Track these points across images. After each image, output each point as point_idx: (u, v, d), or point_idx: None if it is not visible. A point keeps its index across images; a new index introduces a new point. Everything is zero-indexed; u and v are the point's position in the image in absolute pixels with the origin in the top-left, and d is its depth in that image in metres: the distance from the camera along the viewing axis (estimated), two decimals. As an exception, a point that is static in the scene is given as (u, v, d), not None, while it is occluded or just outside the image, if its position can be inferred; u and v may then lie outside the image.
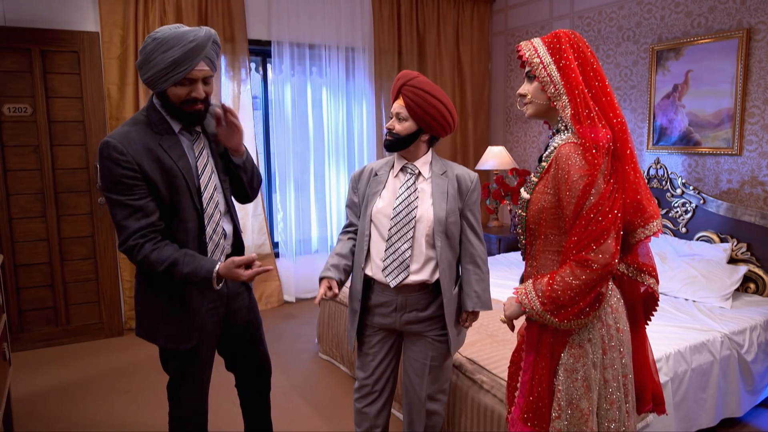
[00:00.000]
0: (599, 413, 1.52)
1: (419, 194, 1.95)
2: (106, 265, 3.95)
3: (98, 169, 1.72)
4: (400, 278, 1.92)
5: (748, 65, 3.40)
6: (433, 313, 1.98)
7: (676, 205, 3.70)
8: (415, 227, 1.91)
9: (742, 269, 3.19)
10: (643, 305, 1.65)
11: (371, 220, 1.98)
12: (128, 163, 1.64)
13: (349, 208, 2.13)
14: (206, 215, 1.81)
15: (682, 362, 2.46)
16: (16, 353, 3.60)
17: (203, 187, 1.80)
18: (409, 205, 1.93)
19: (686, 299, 3.15)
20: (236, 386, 2.16)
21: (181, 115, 1.74)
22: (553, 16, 4.78)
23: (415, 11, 5.06)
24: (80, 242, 3.88)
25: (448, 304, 1.95)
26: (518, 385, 1.67)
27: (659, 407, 1.68)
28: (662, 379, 2.35)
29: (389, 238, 1.92)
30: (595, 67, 1.50)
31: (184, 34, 1.63)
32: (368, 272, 1.99)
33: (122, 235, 1.68)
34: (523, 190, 1.61)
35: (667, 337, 2.57)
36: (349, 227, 2.13)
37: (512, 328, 1.69)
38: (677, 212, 3.70)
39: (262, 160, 4.74)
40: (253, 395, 2.15)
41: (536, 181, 1.56)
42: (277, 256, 4.81)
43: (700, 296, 3.12)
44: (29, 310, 3.78)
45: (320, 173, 4.93)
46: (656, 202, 3.82)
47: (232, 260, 1.69)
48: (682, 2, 3.77)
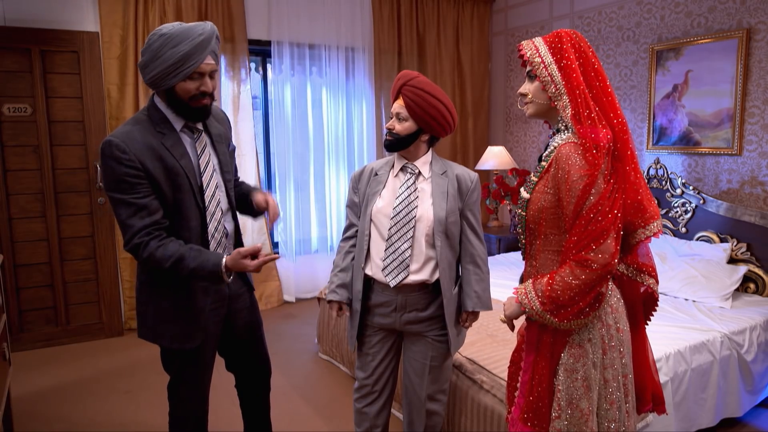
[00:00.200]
0: (599, 413, 1.52)
1: (419, 194, 1.95)
2: (106, 265, 3.95)
3: (100, 168, 1.71)
4: (400, 278, 1.92)
5: (748, 65, 3.40)
6: (433, 313, 1.98)
7: (676, 205, 3.70)
8: (415, 227, 1.91)
9: (742, 269, 3.20)
10: (642, 305, 1.65)
11: (371, 219, 1.98)
12: (131, 161, 1.64)
13: (349, 208, 2.12)
14: (208, 213, 1.81)
15: (682, 362, 2.46)
16: (16, 353, 3.60)
17: (206, 185, 1.80)
18: (409, 204, 1.93)
19: (686, 299, 3.15)
20: (236, 386, 2.16)
21: (188, 111, 1.74)
22: (553, 16, 4.78)
23: (415, 11, 5.06)
24: (80, 242, 3.88)
25: (448, 304, 1.95)
26: (518, 385, 1.67)
27: (659, 407, 1.68)
28: (662, 379, 2.35)
29: (389, 237, 1.92)
30: (596, 67, 1.50)
31: (191, 28, 1.65)
32: (368, 272, 1.99)
33: (127, 233, 1.67)
34: (522, 189, 1.61)
35: (667, 337, 2.57)
36: (349, 231, 2.13)
37: (512, 328, 1.69)
38: (677, 212, 3.70)
39: (262, 160, 4.74)
40: (253, 396, 2.15)
41: (536, 180, 1.56)
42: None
43: (700, 296, 3.12)
44: (29, 310, 3.77)
45: (320, 173, 4.92)
46: (656, 202, 3.82)
47: (238, 251, 1.69)
48: (682, 2, 3.77)
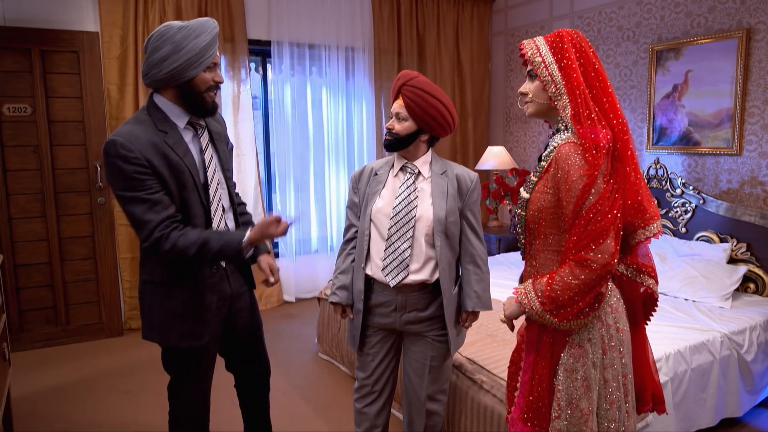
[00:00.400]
0: (599, 413, 1.52)
1: (419, 194, 1.95)
2: (105, 265, 3.94)
3: (104, 170, 1.69)
4: (399, 278, 1.92)
5: (747, 65, 3.40)
6: (433, 313, 1.98)
7: (675, 205, 3.70)
8: (414, 227, 1.91)
9: (741, 269, 3.20)
10: (642, 305, 1.65)
11: (371, 219, 1.98)
12: (137, 159, 1.63)
13: (349, 208, 2.12)
14: (212, 210, 1.81)
15: (682, 362, 2.46)
16: (16, 353, 3.60)
17: (209, 181, 1.80)
18: (408, 204, 1.93)
19: (686, 299, 3.15)
20: (235, 386, 2.16)
21: (202, 103, 1.76)
22: (553, 16, 4.78)
23: (414, 11, 5.06)
24: (80, 242, 3.88)
25: (447, 304, 1.95)
26: (518, 385, 1.67)
27: (659, 407, 1.68)
28: (662, 379, 2.35)
29: (389, 237, 1.92)
30: (597, 67, 1.50)
31: (205, 21, 1.71)
32: (368, 272, 2.00)
33: (145, 229, 1.65)
34: (522, 189, 1.61)
35: (667, 337, 2.57)
36: (349, 233, 2.12)
37: (512, 328, 1.69)
38: (677, 212, 3.70)
39: (262, 160, 4.74)
40: (252, 395, 2.15)
41: (536, 180, 1.56)
42: (276, 256, 4.81)
43: (699, 296, 3.12)
44: (29, 310, 3.77)
45: (320, 173, 4.93)
46: (656, 202, 3.82)
47: (260, 223, 1.72)
48: (682, 2, 3.77)
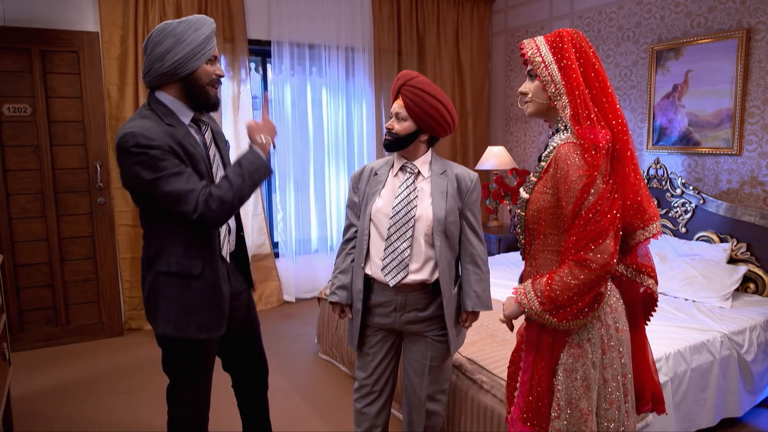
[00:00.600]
0: (599, 413, 1.52)
1: (418, 193, 1.95)
2: (106, 265, 3.95)
3: (121, 168, 1.69)
4: (399, 277, 1.92)
5: (747, 65, 3.40)
6: (432, 313, 1.98)
7: (675, 205, 3.70)
8: (414, 226, 1.91)
9: (741, 269, 3.19)
10: (642, 306, 1.65)
11: (371, 219, 1.98)
12: (159, 145, 1.63)
13: (349, 208, 2.12)
14: None
15: (681, 362, 2.46)
16: (16, 353, 3.60)
17: (214, 177, 1.81)
18: (408, 204, 1.93)
19: (686, 299, 3.15)
20: (233, 387, 2.16)
21: (206, 97, 1.78)
22: (553, 16, 4.78)
23: (414, 11, 5.06)
24: (80, 242, 3.88)
25: (447, 303, 1.95)
26: (518, 385, 1.67)
27: (659, 407, 1.68)
28: (662, 379, 2.35)
29: (388, 237, 1.92)
30: (596, 67, 1.49)
31: (202, 16, 1.76)
32: (368, 271, 2.00)
33: (191, 198, 1.63)
34: (522, 189, 1.61)
35: (667, 337, 2.57)
36: (349, 232, 2.12)
37: (511, 328, 1.69)
38: (677, 212, 3.70)
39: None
40: (251, 395, 2.15)
41: (535, 180, 1.55)
42: (276, 256, 4.81)
43: (699, 296, 3.12)
44: (29, 310, 3.77)
45: (320, 173, 4.93)
46: (656, 202, 3.82)
47: (249, 129, 1.80)
48: (681, 2, 3.77)
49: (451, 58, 5.29)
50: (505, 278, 3.60)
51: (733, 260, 3.36)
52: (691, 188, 3.61)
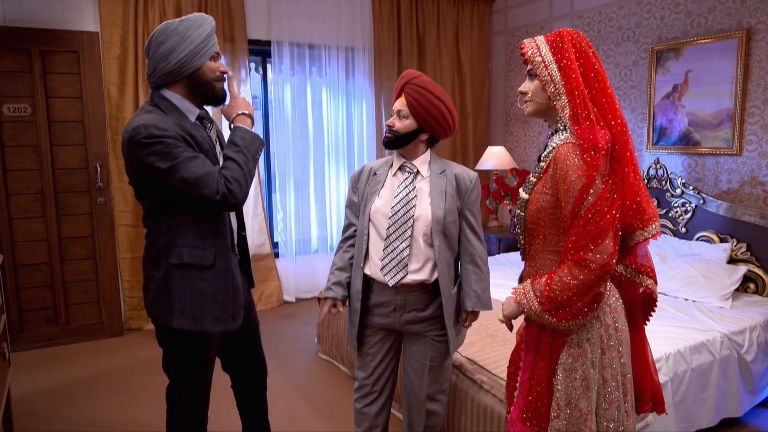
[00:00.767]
0: (598, 413, 1.52)
1: (417, 193, 1.95)
2: (106, 265, 3.95)
3: (133, 161, 1.68)
4: (398, 277, 1.92)
5: (747, 65, 3.40)
6: (432, 313, 1.98)
7: (675, 205, 3.70)
8: (413, 226, 1.91)
9: (741, 269, 3.19)
10: (641, 306, 1.65)
11: (370, 219, 1.98)
12: (171, 134, 1.64)
13: (348, 208, 2.12)
14: None
15: (681, 362, 2.46)
16: (16, 353, 3.60)
17: None
18: (407, 203, 1.93)
19: (686, 299, 3.15)
20: (232, 387, 2.16)
21: (213, 92, 1.80)
22: (553, 16, 4.78)
23: (414, 11, 5.06)
24: (80, 242, 3.88)
25: (446, 303, 1.95)
26: (517, 385, 1.67)
27: (658, 407, 1.68)
28: (662, 379, 2.35)
29: (387, 237, 1.92)
30: (596, 67, 1.49)
31: (202, 14, 1.78)
32: (367, 271, 1.99)
33: (212, 180, 1.65)
34: (521, 190, 1.61)
35: (667, 337, 2.57)
36: (348, 231, 2.12)
37: (510, 328, 1.69)
38: (677, 212, 3.70)
39: (262, 159, 4.74)
40: (250, 395, 2.15)
41: (535, 181, 1.55)
42: (276, 256, 4.81)
43: (699, 296, 3.12)
44: (29, 310, 3.78)
45: (320, 173, 4.93)
46: (656, 202, 3.82)
47: (225, 110, 1.84)
48: (681, 2, 3.77)
49: (451, 58, 5.29)
50: (505, 278, 3.60)
51: (733, 260, 3.36)
52: (691, 188, 3.61)
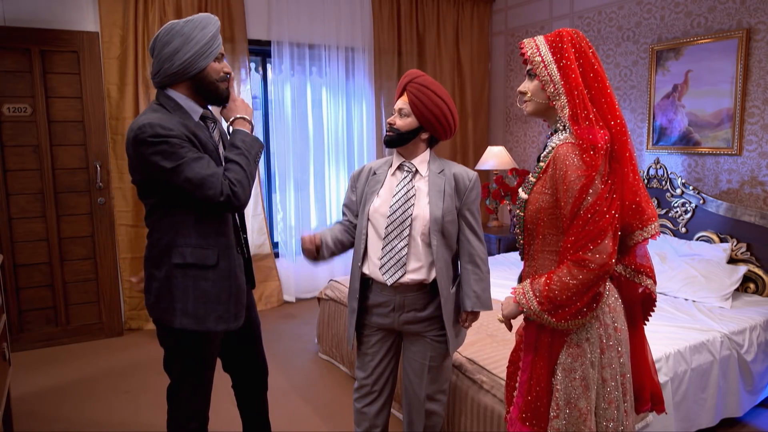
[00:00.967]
0: (597, 412, 1.52)
1: (416, 192, 1.95)
2: (105, 265, 3.95)
3: (137, 160, 1.69)
4: (396, 276, 1.92)
5: (747, 65, 3.40)
6: (431, 313, 1.98)
7: (675, 205, 3.70)
8: (411, 225, 1.91)
9: (741, 269, 3.19)
10: (641, 306, 1.65)
11: (368, 218, 1.98)
12: (176, 134, 1.65)
13: (346, 206, 2.13)
14: None
15: (681, 362, 2.46)
16: (16, 353, 3.60)
17: None
18: (405, 203, 1.93)
19: (686, 299, 3.15)
20: (233, 387, 2.16)
21: (217, 93, 1.80)
22: (553, 16, 4.78)
23: (414, 11, 5.06)
24: (80, 242, 3.88)
25: (445, 303, 1.95)
26: (517, 384, 1.66)
27: (658, 407, 1.68)
28: (662, 379, 2.35)
29: (386, 236, 1.93)
30: (596, 67, 1.49)
31: (207, 15, 1.78)
32: (366, 271, 2.00)
33: (216, 182, 1.66)
34: (521, 190, 1.61)
35: (667, 337, 2.56)
36: (342, 218, 2.15)
37: (510, 327, 1.69)
38: (677, 212, 3.70)
39: (262, 159, 4.74)
40: (250, 395, 2.15)
41: (534, 181, 1.56)
42: (276, 256, 4.81)
43: (699, 296, 3.12)
44: (29, 310, 3.78)
45: (320, 173, 4.93)
46: (656, 202, 3.82)
47: (226, 112, 1.83)
48: (681, 2, 3.77)
49: (451, 58, 5.29)
50: (505, 278, 3.60)
51: (733, 260, 3.36)
52: (691, 188, 3.61)
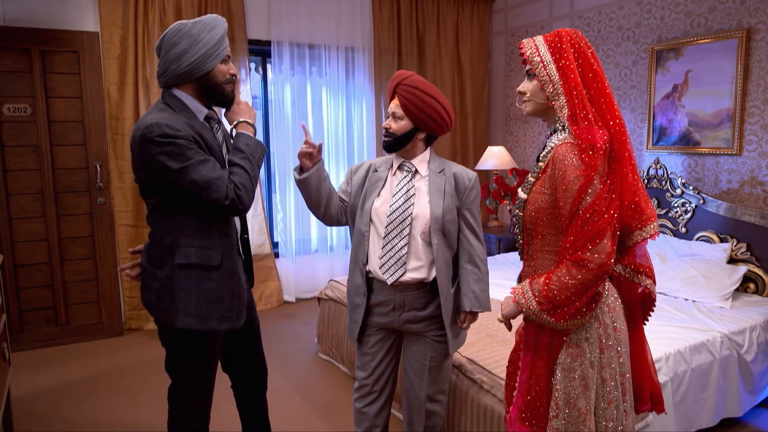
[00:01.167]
0: (597, 412, 1.52)
1: (416, 192, 1.95)
2: (105, 265, 3.95)
3: (141, 160, 1.68)
4: (397, 275, 1.92)
5: (747, 65, 3.40)
6: (431, 312, 1.98)
7: (675, 205, 3.70)
8: (411, 224, 1.92)
9: (741, 269, 3.19)
10: (640, 305, 1.65)
11: (370, 218, 1.98)
12: (184, 135, 1.65)
13: (339, 197, 2.11)
14: None
15: (681, 362, 2.46)
16: (15, 353, 3.60)
17: None
18: (405, 202, 1.93)
19: (686, 299, 3.15)
20: (232, 387, 2.16)
21: (222, 94, 1.80)
22: (552, 16, 4.78)
23: (414, 11, 5.06)
24: (80, 242, 3.88)
25: (445, 302, 1.95)
26: (516, 384, 1.66)
27: (658, 406, 1.68)
28: (662, 379, 2.35)
29: (386, 235, 1.93)
30: (594, 67, 1.49)
31: (215, 16, 1.78)
32: (368, 269, 2.00)
33: (221, 185, 1.66)
34: (520, 190, 1.61)
35: (667, 337, 2.56)
36: None
37: (509, 327, 1.69)
38: (677, 212, 3.70)
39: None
40: (250, 395, 2.15)
41: (533, 181, 1.56)
42: (276, 256, 4.81)
43: (699, 296, 3.12)
44: (29, 310, 3.78)
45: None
46: (656, 202, 3.82)
47: (229, 115, 1.84)
48: (681, 2, 3.77)
49: (451, 58, 5.29)
50: (505, 278, 3.60)
51: (733, 260, 3.36)
52: (691, 188, 3.61)
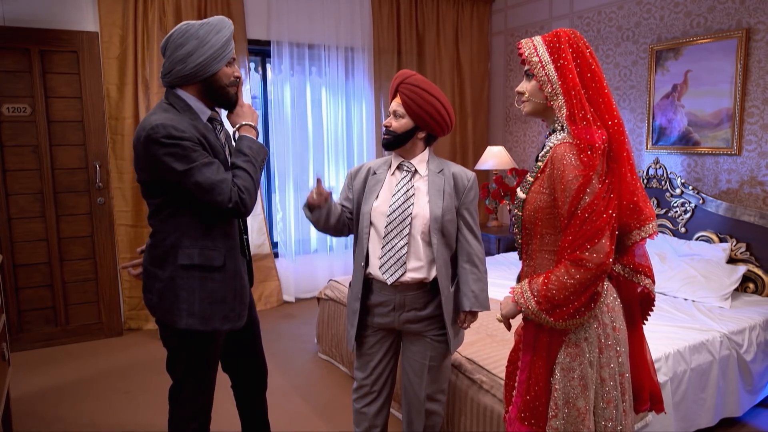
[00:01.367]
0: (596, 412, 1.52)
1: (415, 192, 1.96)
2: (105, 265, 3.95)
3: (145, 160, 1.68)
4: (397, 275, 1.92)
5: (747, 65, 3.40)
6: (431, 312, 1.98)
7: (675, 205, 3.70)
8: (411, 224, 1.92)
9: (741, 269, 3.19)
10: (639, 305, 1.65)
11: (369, 218, 1.98)
12: (189, 137, 1.65)
13: (342, 204, 2.12)
14: None
15: (681, 362, 2.46)
16: (15, 353, 3.60)
17: None
18: (405, 202, 1.93)
19: (685, 299, 3.15)
20: (232, 387, 2.16)
21: (226, 97, 1.80)
22: (552, 16, 4.78)
23: (414, 11, 5.06)
24: (79, 242, 3.88)
25: (445, 302, 1.95)
26: (516, 384, 1.67)
27: (657, 406, 1.68)
28: (661, 379, 2.35)
29: (386, 235, 1.93)
30: (593, 67, 1.49)
31: (222, 18, 1.77)
32: (368, 271, 2.00)
33: (225, 188, 1.66)
34: (519, 189, 1.61)
35: (666, 337, 2.57)
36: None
37: (509, 327, 1.69)
38: (676, 212, 3.70)
39: (261, 160, 4.74)
40: (250, 395, 2.15)
41: (532, 180, 1.56)
42: (276, 256, 4.81)
43: (699, 296, 3.12)
44: (28, 310, 3.78)
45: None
46: (655, 202, 3.82)
47: (233, 117, 1.84)
48: (681, 2, 3.77)
49: (450, 58, 5.29)
50: (504, 278, 3.60)
51: (732, 260, 3.36)
52: (690, 188, 3.61)
